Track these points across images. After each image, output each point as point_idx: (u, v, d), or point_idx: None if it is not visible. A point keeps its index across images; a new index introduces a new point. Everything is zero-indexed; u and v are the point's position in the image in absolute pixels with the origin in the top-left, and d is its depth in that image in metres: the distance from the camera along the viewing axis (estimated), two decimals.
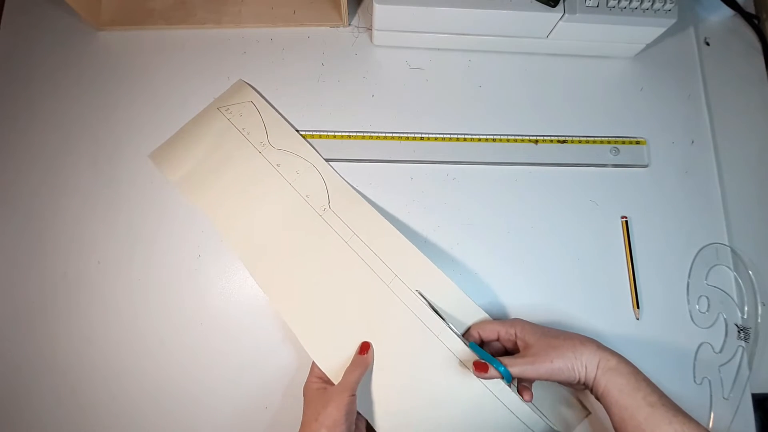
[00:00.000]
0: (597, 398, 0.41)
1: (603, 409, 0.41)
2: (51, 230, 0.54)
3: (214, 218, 0.51)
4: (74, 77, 0.58)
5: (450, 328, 0.45)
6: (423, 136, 0.56)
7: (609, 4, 0.52)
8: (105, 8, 0.59)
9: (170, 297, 0.52)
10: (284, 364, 0.50)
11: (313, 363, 0.46)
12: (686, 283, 0.54)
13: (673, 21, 0.53)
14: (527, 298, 0.53)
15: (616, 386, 0.39)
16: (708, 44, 0.62)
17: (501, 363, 0.41)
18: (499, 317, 0.50)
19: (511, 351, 0.46)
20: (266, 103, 0.54)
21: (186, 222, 0.54)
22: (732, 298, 0.53)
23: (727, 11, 0.62)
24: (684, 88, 0.59)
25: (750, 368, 0.51)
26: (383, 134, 0.56)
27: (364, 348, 0.46)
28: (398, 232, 0.50)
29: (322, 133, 0.56)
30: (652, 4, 0.52)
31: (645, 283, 0.53)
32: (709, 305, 0.53)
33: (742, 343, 0.51)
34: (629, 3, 0.52)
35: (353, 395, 0.42)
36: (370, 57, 0.59)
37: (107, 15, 0.59)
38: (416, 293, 0.47)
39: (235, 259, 0.53)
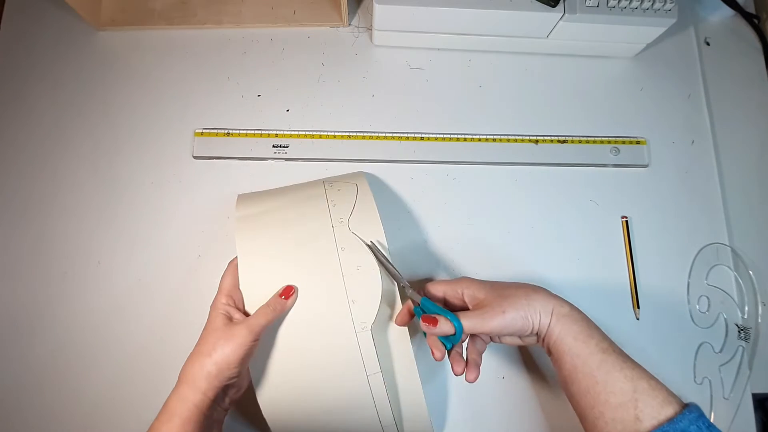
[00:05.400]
0: (549, 347, 0.40)
1: None
2: (51, 230, 0.54)
3: (243, 263, 0.43)
4: (74, 77, 0.58)
5: (404, 283, 0.43)
6: (423, 136, 0.56)
7: (609, 4, 0.52)
8: (105, 8, 0.59)
9: (170, 297, 0.52)
10: None
11: (223, 279, 0.43)
12: (686, 283, 0.54)
13: (673, 21, 0.53)
14: None
15: (570, 333, 0.38)
16: (708, 44, 0.62)
17: (454, 315, 0.39)
18: None
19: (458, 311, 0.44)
20: (370, 193, 0.46)
21: (186, 222, 0.54)
22: (732, 298, 0.53)
23: (727, 11, 0.62)
24: (684, 88, 0.59)
25: (750, 368, 0.51)
26: (383, 134, 0.56)
27: (287, 291, 0.41)
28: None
29: (322, 133, 0.56)
30: (652, 4, 0.52)
31: (645, 283, 0.53)
32: (709, 305, 0.53)
33: (743, 343, 0.51)
34: (629, 3, 0.52)
35: (257, 340, 0.39)
36: (370, 57, 0.59)
37: (107, 15, 0.59)
38: (372, 242, 0.43)
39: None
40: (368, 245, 0.43)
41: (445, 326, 0.39)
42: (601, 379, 0.37)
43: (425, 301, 0.42)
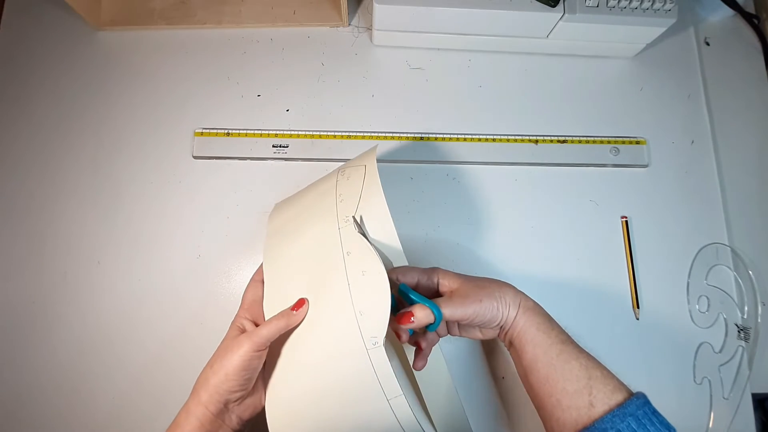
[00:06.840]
0: (511, 338, 0.42)
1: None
2: (51, 230, 0.54)
3: (267, 284, 0.42)
4: (74, 77, 0.58)
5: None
6: (423, 136, 0.56)
7: (609, 4, 0.52)
8: (105, 8, 0.59)
9: (170, 297, 0.52)
10: None
11: (245, 294, 0.43)
12: (686, 283, 0.54)
13: (673, 21, 0.53)
14: None
15: (534, 324, 0.40)
16: (708, 44, 0.62)
17: (433, 303, 0.38)
18: None
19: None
20: (377, 174, 0.42)
21: (186, 222, 0.54)
22: (732, 298, 0.53)
23: (727, 11, 0.62)
24: (684, 88, 0.59)
25: (750, 368, 0.51)
26: (383, 134, 0.56)
27: (299, 304, 0.39)
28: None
29: (322, 133, 0.56)
30: (652, 4, 0.52)
31: (645, 283, 0.53)
32: (709, 305, 0.53)
33: (742, 343, 0.51)
34: (629, 3, 0.52)
35: (261, 350, 0.38)
36: (370, 57, 0.59)
37: (107, 15, 0.59)
38: (352, 217, 0.40)
39: (234, 260, 0.53)
40: (358, 225, 0.39)
41: (422, 315, 0.38)
42: (560, 367, 0.39)
43: (404, 288, 0.41)
